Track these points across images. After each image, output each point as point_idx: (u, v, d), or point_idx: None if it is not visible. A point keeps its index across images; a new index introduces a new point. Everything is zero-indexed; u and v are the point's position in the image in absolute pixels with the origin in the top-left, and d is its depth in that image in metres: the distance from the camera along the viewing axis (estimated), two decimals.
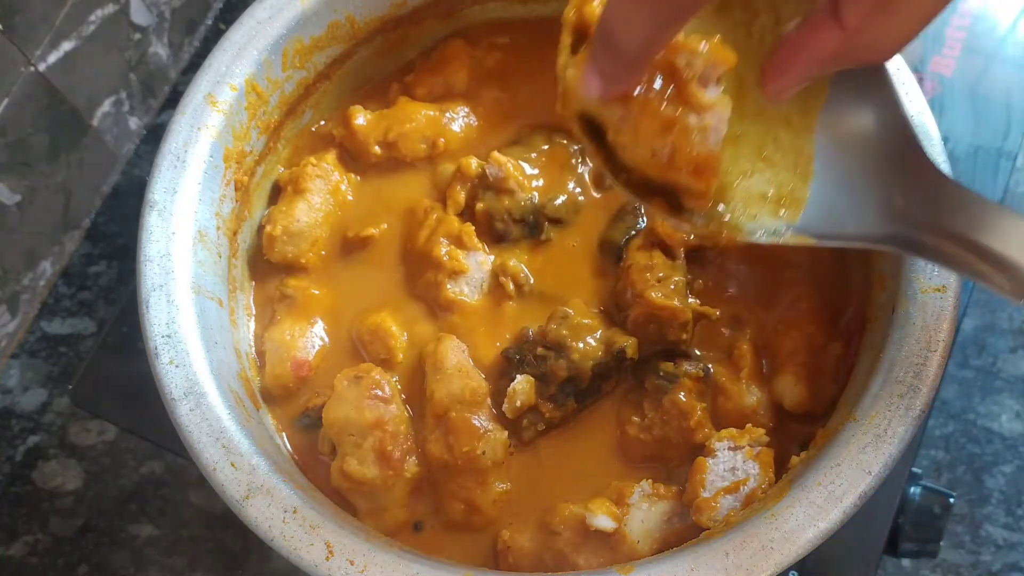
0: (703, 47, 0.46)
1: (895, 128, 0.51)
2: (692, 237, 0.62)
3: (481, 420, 0.62)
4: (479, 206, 0.68)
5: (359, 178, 0.73)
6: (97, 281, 0.92)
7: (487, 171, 0.68)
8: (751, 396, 0.62)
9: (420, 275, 0.68)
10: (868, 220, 0.50)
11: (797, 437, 0.62)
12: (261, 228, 0.71)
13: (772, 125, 0.52)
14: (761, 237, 0.51)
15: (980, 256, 0.47)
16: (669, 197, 0.50)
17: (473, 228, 0.68)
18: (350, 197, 0.72)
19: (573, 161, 0.71)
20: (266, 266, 0.71)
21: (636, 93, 0.47)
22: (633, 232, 0.67)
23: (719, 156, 0.48)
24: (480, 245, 0.68)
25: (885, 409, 0.55)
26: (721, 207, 0.51)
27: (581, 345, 0.62)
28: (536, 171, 0.70)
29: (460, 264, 0.67)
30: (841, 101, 0.51)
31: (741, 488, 0.58)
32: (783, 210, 0.51)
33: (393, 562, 0.54)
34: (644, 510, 0.59)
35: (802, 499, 0.53)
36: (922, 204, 0.49)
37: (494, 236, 0.69)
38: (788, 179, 0.51)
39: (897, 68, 0.62)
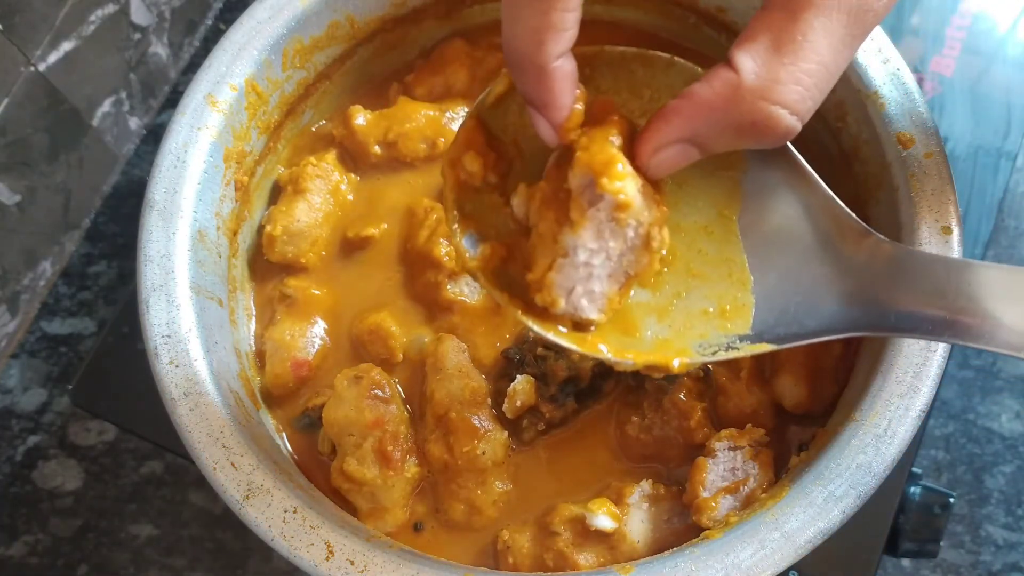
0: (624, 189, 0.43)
1: (823, 210, 0.48)
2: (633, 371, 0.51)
3: (481, 420, 0.62)
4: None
5: (359, 178, 0.73)
6: (97, 281, 0.92)
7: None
8: (751, 396, 0.62)
9: (420, 275, 0.68)
10: (826, 312, 0.48)
11: (797, 437, 0.62)
12: (261, 228, 0.71)
13: (693, 238, 0.50)
14: (717, 355, 0.48)
15: (955, 316, 0.45)
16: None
17: None
18: (350, 197, 0.72)
19: None
20: (266, 266, 0.71)
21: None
22: None
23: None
24: None
25: (885, 409, 0.55)
26: (661, 331, 0.49)
27: None
28: None
29: None
30: (757, 200, 0.49)
31: (741, 488, 0.58)
32: (729, 323, 0.49)
33: (393, 562, 0.54)
34: (644, 510, 0.59)
35: (802, 499, 0.53)
36: (876, 281, 0.47)
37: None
38: (725, 290, 0.49)
39: (897, 68, 0.62)
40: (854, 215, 0.48)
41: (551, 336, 0.48)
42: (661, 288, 0.50)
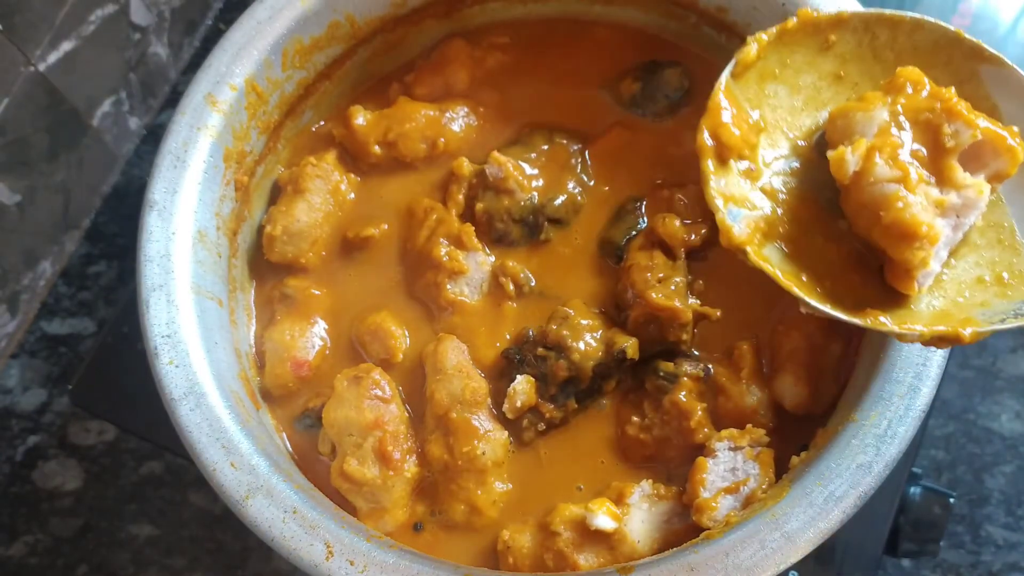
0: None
1: None
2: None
3: (481, 420, 0.62)
4: (479, 206, 0.68)
5: (359, 178, 0.73)
6: (97, 281, 0.92)
7: (487, 171, 0.68)
8: (751, 396, 0.62)
9: (420, 275, 0.68)
10: None
11: (797, 437, 0.62)
12: (261, 228, 0.71)
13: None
14: (1007, 323, 0.48)
15: None
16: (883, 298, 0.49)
17: (473, 228, 0.68)
18: (350, 197, 0.72)
19: (573, 161, 0.71)
20: (266, 266, 0.71)
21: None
22: (634, 232, 0.67)
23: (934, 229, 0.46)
24: (480, 246, 0.68)
25: (885, 409, 0.55)
26: (934, 302, 0.49)
27: (582, 345, 0.62)
28: (536, 171, 0.70)
29: (460, 264, 0.67)
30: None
31: (741, 488, 0.58)
32: (1010, 290, 0.49)
33: (393, 562, 0.54)
34: (644, 510, 0.59)
35: (802, 499, 0.53)
36: None
37: (494, 236, 0.69)
38: (999, 256, 0.50)
39: None
40: None
41: (830, 311, 0.48)
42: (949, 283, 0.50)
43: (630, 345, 0.62)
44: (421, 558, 0.55)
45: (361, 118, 0.72)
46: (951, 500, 0.69)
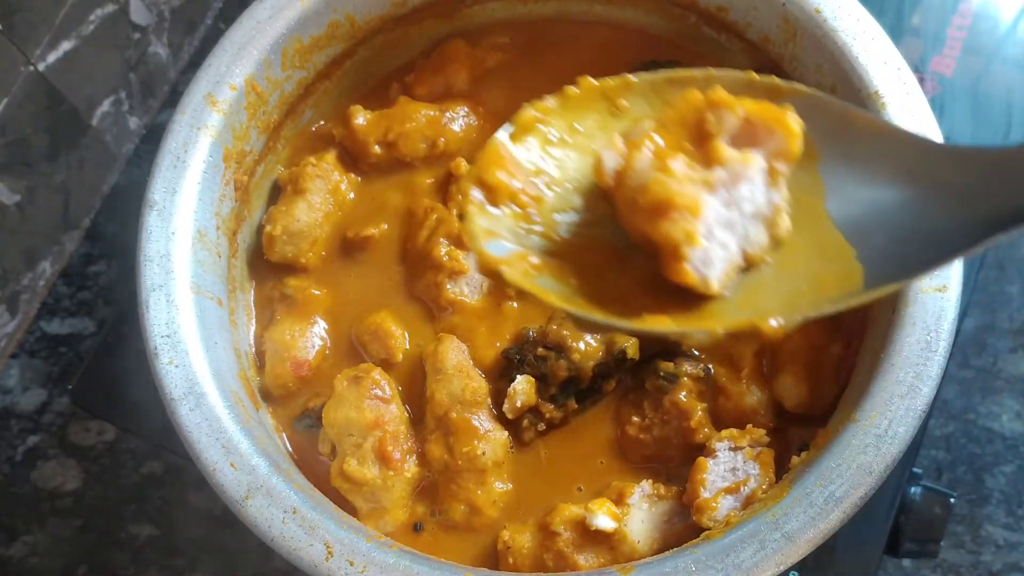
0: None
1: (903, 151, 0.48)
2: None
3: (481, 420, 0.62)
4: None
5: (359, 178, 0.73)
6: (97, 281, 0.92)
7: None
8: (751, 396, 0.62)
9: (420, 275, 0.68)
10: (954, 233, 0.45)
11: (797, 438, 0.62)
12: (261, 228, 0.71)
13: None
14: (822, 309, 0.47)
15: None
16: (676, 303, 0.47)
17: None
18: (350, 197, 0.72)
19: None
20: (266, 266, 0.71)
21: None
22: None
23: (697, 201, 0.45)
24: None
25: (886, 409, 0.55)
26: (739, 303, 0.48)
27: (582, 345, 0.62)
28: None
29: (460, 264, 0.66)
30: (840, 176, 0.49)
31: (741, 489, 0.58)
32: (831, 290, 0.47)
33: (393, 563, 0.54)
34: (644, 510, 0.59)
35: (802, 500, 0.53)
36: (996, 182, 0.44)
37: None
38: (822, 268, 0.48)
39: (898, 69, 0.62)
40: (936, 139, 0.48)
41: (596, 318, 0.47)
42: (754, 285, 0.49)
43: (630, 345, 0.62)
44: (421, 558, 0.55)
45: (361, 118, 0.72)
46: (951, 500, 0.69)
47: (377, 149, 0.72)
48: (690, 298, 0.48)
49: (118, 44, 0.89)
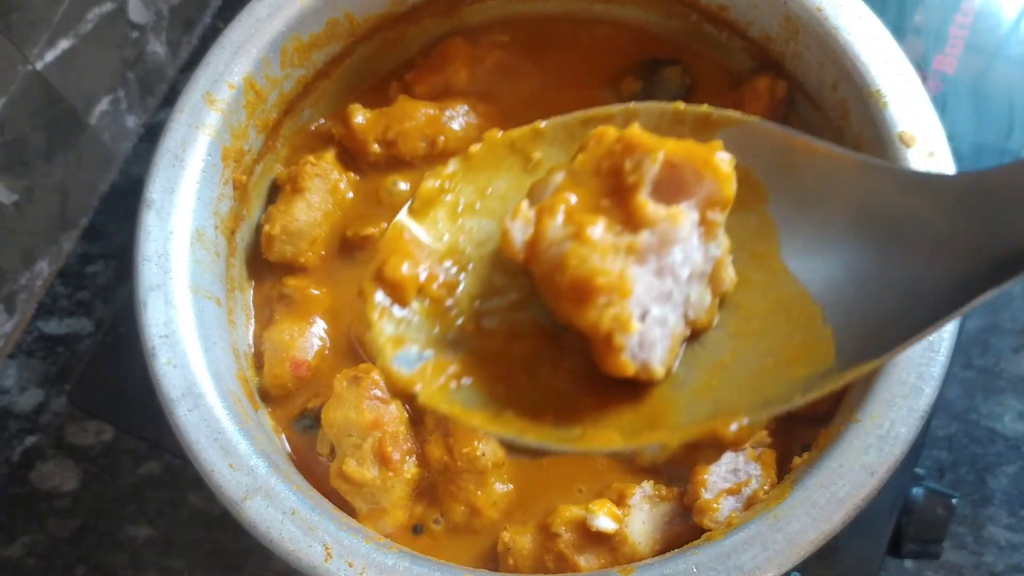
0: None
1: (866, 183, 0.40)
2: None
3: None
4: None
5: (358, 177, 0.73)
6: (95, 281, 0.91)
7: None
8: None
9: None
10: (937, 289, 0.38)
11: (799, 438, 0.62)
12: (260, 227, 0.70)
13: (732, 297, 0.43)
14: (793, 401, 0.41)
15: None
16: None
17: None
18: (349, 196, 0.72)
19: None
20: (265, 265, 0.70)
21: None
22: None
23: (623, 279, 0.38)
24: None
25: (888, 410, 0.55)
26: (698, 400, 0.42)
27: None
28: None
29: None
30: (795, 220, 0.42)
31: (743, 489, 0.57)
32: (800, 367, 0.41)
33: (392, 564, 0.53)
34: (645, 511, 0.59)
35: (804, 500, 0.53)
36: (976, 219, 0.37)
37: None
38: (789, 334, 0.42)
39: (900, 67, 0.62)
40: (896, 165, 0.41)
41: (527, 440, 0.41)
42: (702, 358, 0.43)
43: None
44: (421, 560, 0.54)
45: (360, 116, 0.72)
46: (954, 501, 0.69)
47: (376, 148, 0.71)
48: (637, 385, 0.42)
49: (116, 43, 0.89)
